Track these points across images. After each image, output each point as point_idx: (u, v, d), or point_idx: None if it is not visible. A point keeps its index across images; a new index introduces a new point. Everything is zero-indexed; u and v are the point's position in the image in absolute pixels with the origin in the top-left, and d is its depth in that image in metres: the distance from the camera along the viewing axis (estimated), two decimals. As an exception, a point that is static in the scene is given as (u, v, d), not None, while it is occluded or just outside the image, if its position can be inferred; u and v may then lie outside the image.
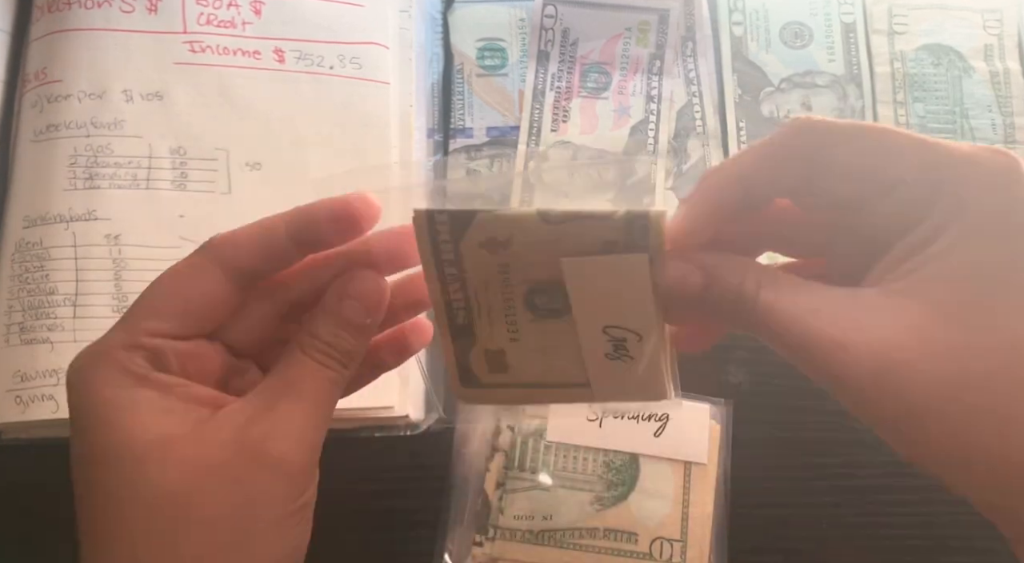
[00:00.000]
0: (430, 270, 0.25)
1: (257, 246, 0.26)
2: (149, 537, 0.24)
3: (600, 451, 0.39)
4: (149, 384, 0.25)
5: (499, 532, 0.38)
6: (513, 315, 0.25)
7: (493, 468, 0.39)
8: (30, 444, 0.40)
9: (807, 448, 0.42)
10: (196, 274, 0.26)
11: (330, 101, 0.44)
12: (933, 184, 0.21)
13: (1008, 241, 0.20)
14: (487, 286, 0.25)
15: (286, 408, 0.25)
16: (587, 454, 0.39)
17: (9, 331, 0.40)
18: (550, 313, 0.25)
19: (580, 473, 0.39)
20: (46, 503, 0.40)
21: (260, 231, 0.26)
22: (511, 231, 0.24)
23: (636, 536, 0.38)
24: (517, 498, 0.39)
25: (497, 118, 0.47)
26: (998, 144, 0.47)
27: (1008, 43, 0.49)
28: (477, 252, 0.24)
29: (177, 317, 0.25)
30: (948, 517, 0.41)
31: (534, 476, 0.39)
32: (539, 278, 0.25)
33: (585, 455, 0.39)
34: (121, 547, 0.24)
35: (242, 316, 0.27)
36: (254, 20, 0.45)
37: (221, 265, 0.26)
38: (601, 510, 0.38)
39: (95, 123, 0.42)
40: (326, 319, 0.26)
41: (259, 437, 0.24)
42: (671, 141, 0.47)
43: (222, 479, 0.24)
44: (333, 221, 0.26)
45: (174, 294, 0.26)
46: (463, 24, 0.49)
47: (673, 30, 0.49)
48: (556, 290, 0.25)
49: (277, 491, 0.24)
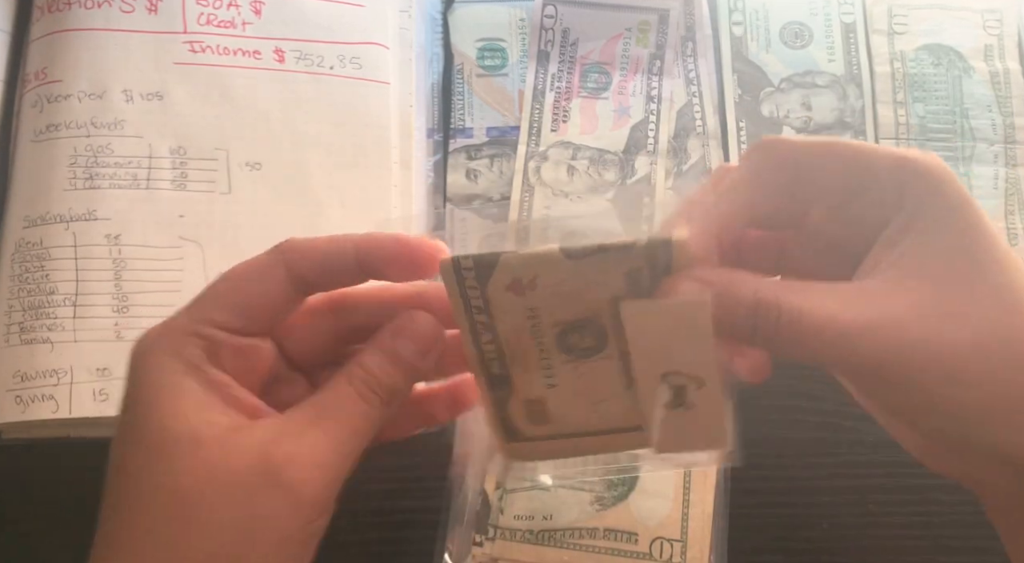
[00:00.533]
0: (461, 320, 0.25)
1: (323, 258, 0.27)
2: (155, 530, 0.24)
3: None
4: (198, 376, 0.25)
5: (499, 532, 0.38)
6: (548, 359, 0.25)
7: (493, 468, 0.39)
8: (30, 444, 0.40)
9: (807, 448, 0.42)
10: (262, 272, 0.26)
11: (330, 101, 0.44)
12: (899, 185, 0.24)
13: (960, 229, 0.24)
14: (518, 333, 0.25)
15: (314, 435, 0.25)
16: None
17: (9, 331, 0.40)
18: (585, 352, 0.25)
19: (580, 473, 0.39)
20: (46, 503, 0.40)
21: (329, 245, 0.27)
22: (535, 271, 0.23)
23: (636, 536, 0.38)
24: (517, 498, 0.39)
25: (497, 118, 0.47)
26: (998, 144, 0.48)
27: (1008, 43, 0.49)
28: (504, 296, 0.24)
29: (238, 310, 0.26)
30: (948, 517, 0.41)
31: (534, 476, 0.39)
32: (568, 318, 0.24)
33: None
34: (128, 533, 0.25)
35: (303, 325, 0.28)
36: (254, 20, 0.45)
37: (287, 268, 0.26)
38: (601, 510, 0.38)
39: (95, 123, 0.42)
40: (377, 352, 0.26)
41: (281, 459, 0.24)
42: (671, 141, 0.47)
43: (234, 491, 0.24)
44: (395, 258, 0.27)
45: (238, 288, 0.26)
46: (463, 24, 0.49)
47: (673, 30, 0.49)
48: (588, 327, 0.24)
49: (284, 514, 0.24)
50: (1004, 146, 0.48)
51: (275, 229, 0.42)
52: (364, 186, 0.43)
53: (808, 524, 0.41)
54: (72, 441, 0.40)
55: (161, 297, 0.40)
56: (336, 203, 0.43)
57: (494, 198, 0.46)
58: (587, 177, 0.46)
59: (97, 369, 0.39)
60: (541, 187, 0.46)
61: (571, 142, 0.47)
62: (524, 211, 0.45)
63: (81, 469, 0.40)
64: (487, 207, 0.46)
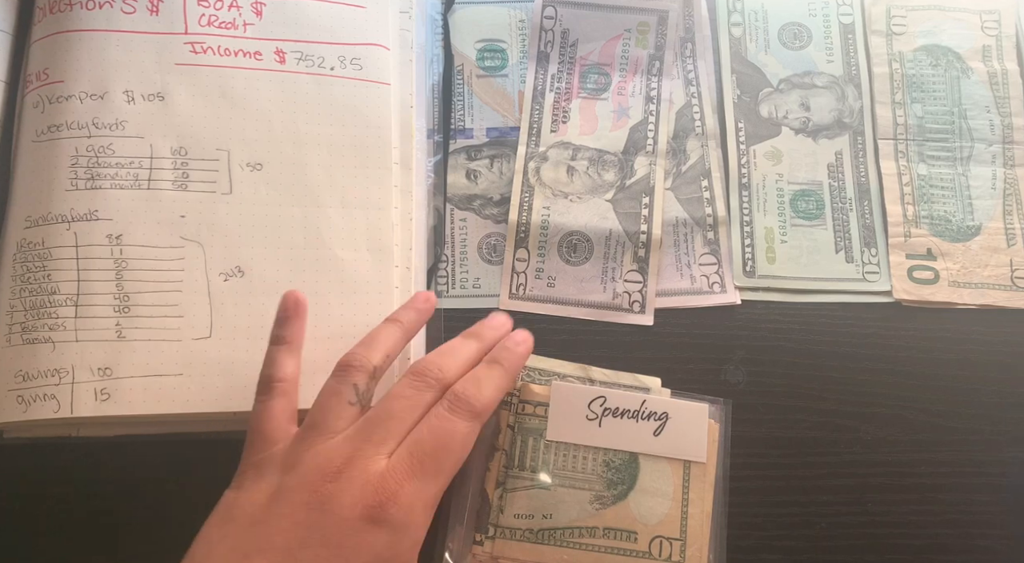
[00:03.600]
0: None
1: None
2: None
3: (600, 450, 0.39)
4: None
5: (499, 531, 0.38)
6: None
7: (493, 467, 0.40)
8: (31, 444, 0.40)
9: (806, 447, 0.42)
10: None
11: (331, 102, 0.44)
12: None
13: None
14: None
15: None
16: (587, 453, 0.39)
17: (11, 331, 0.40)
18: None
19: (580, 472, 0.39)
20: (47, 503, 0.40)
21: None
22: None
23: (635, 535, 0.38)
24: (517, 497, 0.39)
25: (497, 119, 0.47)
26: (996, 144, 0.48)
27: (1006, 44, 0.49)
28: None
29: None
30: (947, 517, 0.41)
31: (534, 475, 0.39)
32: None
33: (585, 454, 0.39)
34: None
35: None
36: (255, 21, 0.45)
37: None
38: (601, 509, 0.38)
39: (96, 124, 0.42)
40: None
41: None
42: (670, 142, 0.47)
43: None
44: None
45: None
46: (463, 25, 0.49)
47: (672, 31, 0.49)
48: None
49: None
50: (1002, 146, 0.48)
51: (276, 229, 0.42)
52: (365, 186, 0.43)
53: (806, 523, 0.41)
54: (73, 441, 0.40)
55: (162, 297, 0.41)
56: (336, 203, 0.43)
57: (494, 198, 0.46)
58: (587, 177, 0.46)
59: (98, 369, 0.39)
60: (541, 187, 0.46)
61: (571, 143, 0.47)
62: (524, 211, 0.45)
63: (82, 469, 0.41)
64: (487, 207, 0.46)
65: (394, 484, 0.32)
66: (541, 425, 0.40)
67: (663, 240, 0.45)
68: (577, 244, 0.45)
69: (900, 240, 0.46)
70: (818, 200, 0.47)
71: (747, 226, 0.46)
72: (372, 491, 0.31)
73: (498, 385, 0.36)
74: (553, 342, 0.43)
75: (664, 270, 0.45)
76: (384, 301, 0.42)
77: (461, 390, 0.35)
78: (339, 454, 0.32)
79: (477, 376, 0.36)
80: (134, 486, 0.40)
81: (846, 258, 0.46)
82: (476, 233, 0.45)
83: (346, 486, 0.31)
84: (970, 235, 0.46)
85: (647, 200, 0.46)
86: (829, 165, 0.47)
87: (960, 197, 0.47)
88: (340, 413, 0.34)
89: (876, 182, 0.47)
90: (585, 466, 0.39)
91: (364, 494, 0.31)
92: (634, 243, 0.45)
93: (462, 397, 0.34)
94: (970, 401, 0.43)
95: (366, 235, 0.43)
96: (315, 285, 0.42)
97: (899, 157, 0.47)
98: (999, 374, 0.44)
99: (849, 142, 0.48)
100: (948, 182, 0.47)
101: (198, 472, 0.36)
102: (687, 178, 0.47)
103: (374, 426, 0.33)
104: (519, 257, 0.45)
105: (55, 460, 0.41)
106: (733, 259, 0.45)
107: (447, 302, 0.44)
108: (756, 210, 0.46)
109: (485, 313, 0.40)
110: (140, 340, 0.40)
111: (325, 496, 0.31)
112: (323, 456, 0.32)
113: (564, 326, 0.44)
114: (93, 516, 0.40)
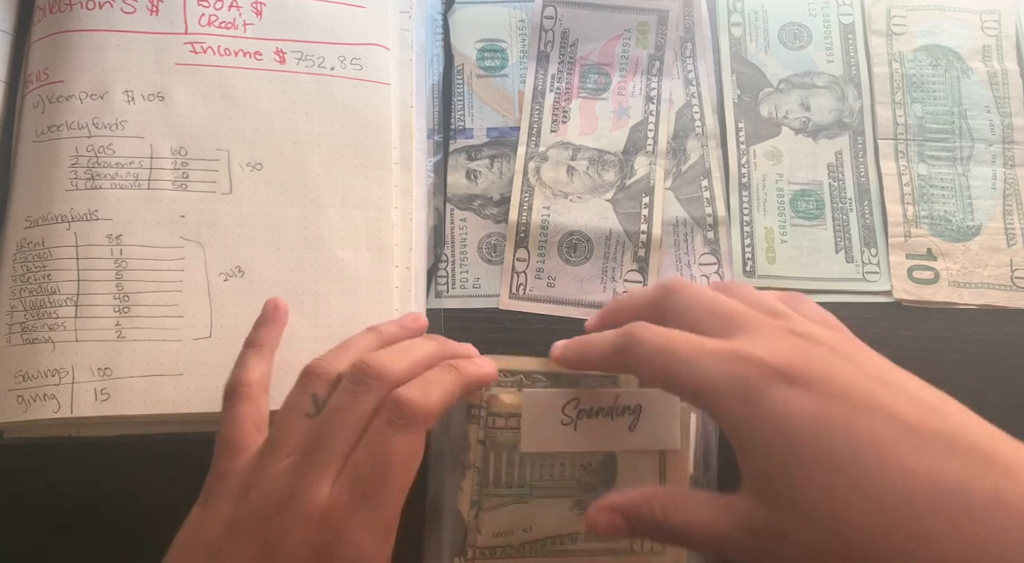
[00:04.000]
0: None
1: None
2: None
3: (576, 455, 0.38)
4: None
5: (478, 552, 0.37)
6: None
7: (466, 486, 0.37)
8: (32, 444, 0.40)
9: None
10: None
11: (331, 102, 0.44)
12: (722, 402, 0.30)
13: (775, 447, 0.28)
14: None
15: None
16: (563, 460, 0.38)
17: (11, 331, 0.40)
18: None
19: (558, 479, 0.38)
20: (47, 503, 0.40)
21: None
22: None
23: None
24: (494, 515, 0.37)
25: (497, 119, 0.47)
26: (996, 144, 0.48)
27: (1006, 44, 0.49)
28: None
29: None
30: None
31: (510, 490, 0.37)
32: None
33: (562, 461, 0.38)
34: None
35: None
36: (255, 21, 0.45)
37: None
38: (581, 513, 0.37)
39: (96, 124, 0.42)
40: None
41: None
42: (670, 142, 0.47)
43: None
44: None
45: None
46: (463, 25, 0.49)
47: (672, 31, 0.49)
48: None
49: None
50: (1002, 146, 0.48)
51: (276, 229, 0.42)
52: (364, 186, 0.43)
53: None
54: (73, 441, 0.40)
55: (162, 297, 0.41)
56: (337, 203, 0.43)
57: (494, 198, 0.46)
58: (587, 177, 0.46)
59: (98, 369, 0.39)
60: (541, 187, 0.46)
61: (571, 143, 0.47)
62: (524, 211, 0.45)
63: (82, 469, 0.41)
64: (487, 207, 0.46)
65: (337, 520, 0.30)
66: (514, 438, 0.37)
67: (663, 240, 0.45)
68: (577, 244, 0.45)
69: (900, 240, 0.46)
70: (818, 200, 0.47)
71: (747, 226, 0.46)
72: (315, 530, 0.30)
73: (448, 391, 0.33)
74: (553, 342, 0.43)
75: (664, 270, 0.45)
76: (384, 301, 0.42)
77: (405, 396, 0.32)
78: (284, 484, 0.31)
79: (426, 379, 0.33)
80: (134, 486, 0.40)
81: (846, 258, 0.46)
82: (476, 233, 0.45)
83: (291, 525, 0.30)
84: (970, 235, 0.46)
85: (647, 200, 0.46)
86: (829, 165, 0.47)
87: (960, 197, 0.47)
88: (297, 427, 0.33)
89: (876, 182, 0.47)
90: (563, 473, 0.38)
91: (307, 535, 0.30)
92: (634, 243, 0.45)
93: (405, 404, 0.32)
94: (971, 401, 0.43)
95: (366, 235, 0.43)
96: (315, 285, 0.42)
97: (899, 157, 0.47)
98: (999, 374, 0.44)
99: (849, 142, 0.48)
100: (948, 182, 0.47)
101: (198, 472, 0.36)
102: (687, 178, 0.47)
103: (316, 446, 0.32)
104: (519, 257, 0.45)
105: (55, 460, 0.41)
106: (733, 259, 0.45)
107: (447, 302, 0.44)
108: (756, 210, 0.46)
109: (485, 313, 0.40)
110: (140, 340, 0.40)
111: (272, 536, 0.30)
112: (270, 484, 0.31)
113: (564, 326, 0.44)
114: (93, 516, 0.40)
